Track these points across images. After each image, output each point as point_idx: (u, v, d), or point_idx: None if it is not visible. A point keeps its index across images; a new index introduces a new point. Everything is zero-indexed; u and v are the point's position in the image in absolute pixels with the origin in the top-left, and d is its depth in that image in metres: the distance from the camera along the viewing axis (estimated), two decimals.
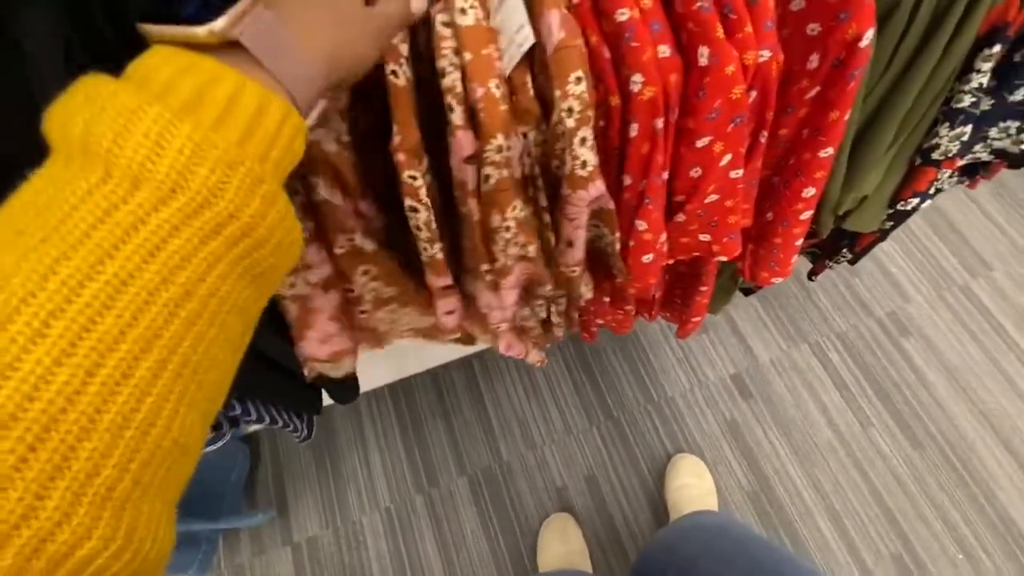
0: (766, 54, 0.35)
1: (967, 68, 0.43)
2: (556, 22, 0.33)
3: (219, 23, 0.21)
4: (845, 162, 0.46)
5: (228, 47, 0.22)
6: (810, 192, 0.44)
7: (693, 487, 1.09)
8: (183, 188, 0.19)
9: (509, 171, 0.37)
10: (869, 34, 0.35)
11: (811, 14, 0.37)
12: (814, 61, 0.38)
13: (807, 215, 0.46)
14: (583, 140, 0.36)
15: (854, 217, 0.54)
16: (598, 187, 0.39)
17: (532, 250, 0.41)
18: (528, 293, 0.47)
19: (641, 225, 0.40)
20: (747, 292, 0.94)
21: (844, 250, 0.78)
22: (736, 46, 0.35)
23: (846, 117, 0.39)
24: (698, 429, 1.18)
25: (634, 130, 0.36)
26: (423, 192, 0.37)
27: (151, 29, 0.23)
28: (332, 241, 0.42)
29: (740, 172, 0.40)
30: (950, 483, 1.11)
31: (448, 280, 0.45)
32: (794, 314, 1.31)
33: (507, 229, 0.39)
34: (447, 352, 1.00)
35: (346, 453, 1.13)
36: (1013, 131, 0.50)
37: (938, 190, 0.62)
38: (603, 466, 1.14)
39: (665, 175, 0.40)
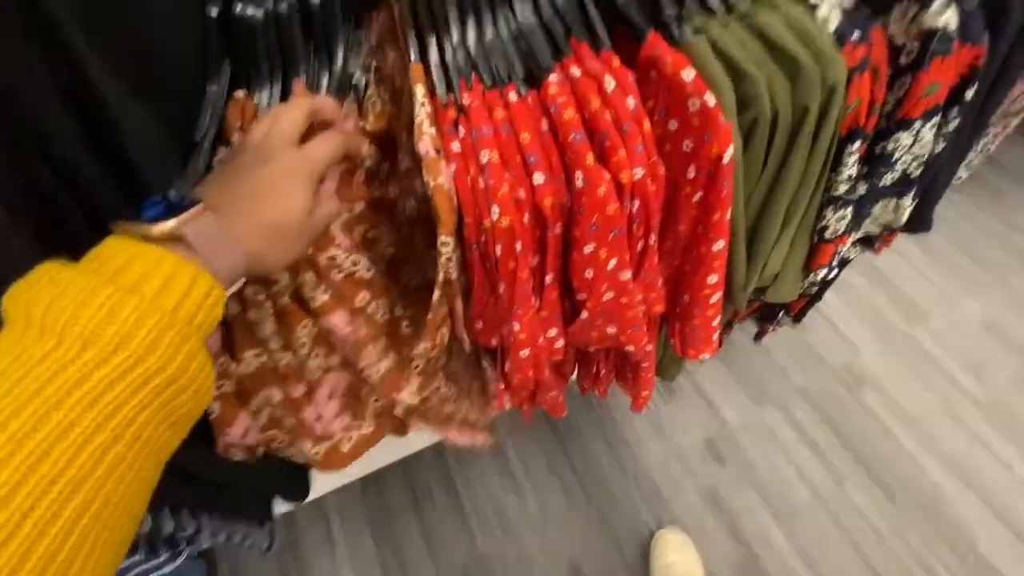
0: (639, 172, 0.40)
1: (838, 162, 0.49)
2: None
3: (171, 223, 0.28)
4: (743, 249, 0.51)
5: (175, 238, 0.28)
6: (713, 279, 0.48)
7: (678, 564, 1.06)
8: (124, 347, 0.23)
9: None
10: (729, 151, 0.40)
11: (684, 133, 0.43)
12: (692, 172, 0.43)
13: (716, 298, 0.50)
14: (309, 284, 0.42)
15: (771, 291, 0.59)
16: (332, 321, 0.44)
17: (336, 360, 0.46)
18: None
19: (515, 326, 0.45)
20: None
21: (780, 314, 0.82)
22: (613, 168, 0.40)
23: (727, 216, 0.44)
24: (677, 501, 1.16)
25: (498, 250, 0.40)
26: None
27: (117, 225, 0.29)
28: None
29: (629, 274, 0.45)
30: (930, 535, 1.10)
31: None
32: (758, 373, 1.34)
33: (303, 345, 0.43)
34: (416, 441, 0.99)
35: (313, 560, 1.08)
36: (892, 208, 0.56)
37: (845, 259, 0.67)
38: (586, 550, 1.11)
39: (549, 276, 0.45)
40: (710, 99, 0.40)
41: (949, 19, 0.42)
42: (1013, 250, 1.52)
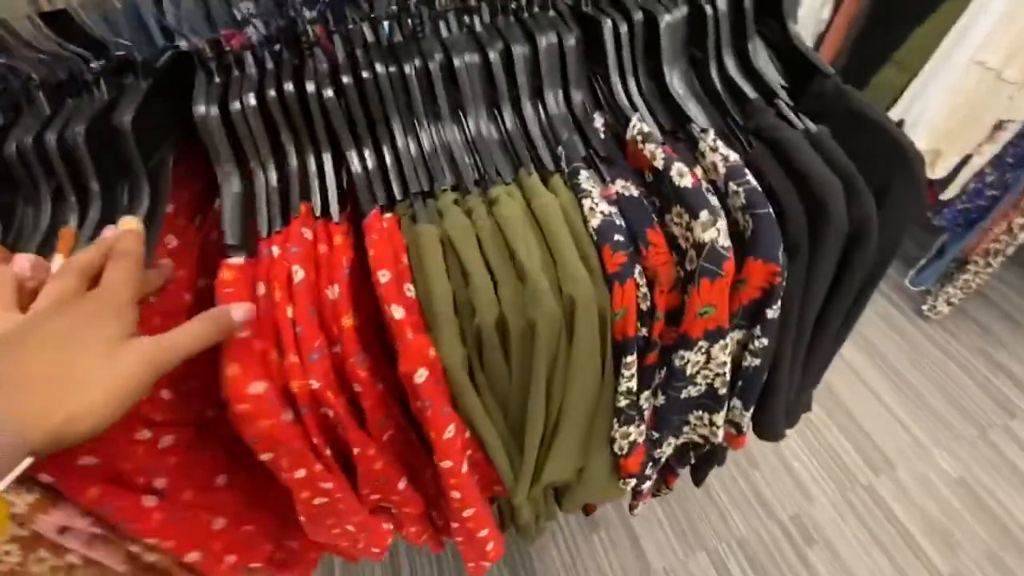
0: (315, 384, 0.33)
1: (618, 372, 0.41)
2: None
3: None
4: (504, 461, 0.42)
5: None
6: (456, 495, 0.40)
7: None
8: None
9: None
10: (421, 372, 0.33)
11: (392, 336, 0.36)
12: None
13: (469, 513, 0.42)
14: None
15: (580, 492, 0.50)
16: None
17: None
18: None
19: None
20: (587, 513, 0.86)
21: (648, 487, 0.72)
22: (283, 375, 0.33)
23: (445, 436, 0.37)
24: None
25: None
26: None
27: None
28: None
29: (330, 484, 0.38)
30: None
31: None
32: (691, 512, 1.20)
33: None
34: None
35: None
36: (706, 420, 0.47)
37: (663, 460, 0.55)
38: None
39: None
40: (397, 311, 0.33)
41: (716, 235, 0.35)
42: (997, 396, 1.36)
